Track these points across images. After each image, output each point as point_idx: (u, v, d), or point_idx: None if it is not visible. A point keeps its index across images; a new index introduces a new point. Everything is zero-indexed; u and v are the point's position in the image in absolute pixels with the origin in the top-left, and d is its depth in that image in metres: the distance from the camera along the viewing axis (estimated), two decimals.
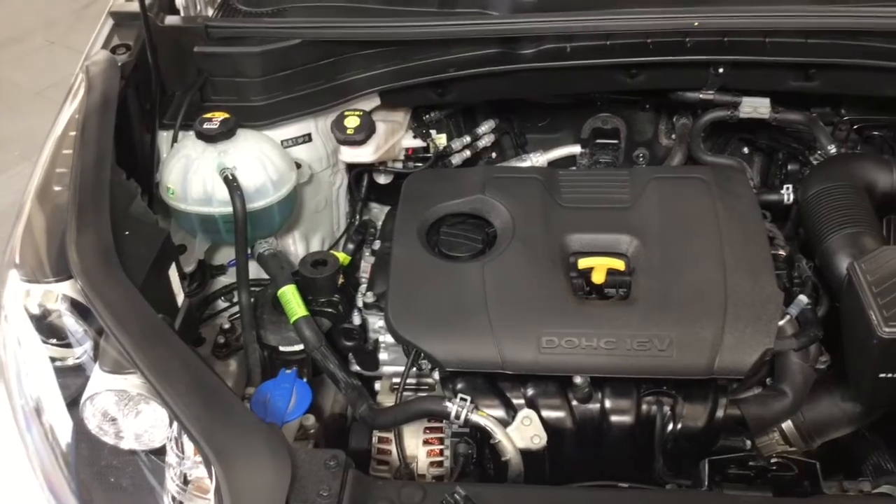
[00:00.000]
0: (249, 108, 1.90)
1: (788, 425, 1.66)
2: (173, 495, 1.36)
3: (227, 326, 1.84)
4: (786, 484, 1.33)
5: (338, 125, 1.91)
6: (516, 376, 1.59)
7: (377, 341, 1.79)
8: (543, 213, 1.77)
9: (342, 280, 1.82)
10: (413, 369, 1.75)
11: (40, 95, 4.48)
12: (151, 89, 1.88)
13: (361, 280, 1.88)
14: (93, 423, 1.40)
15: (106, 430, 1.41)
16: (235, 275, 1.76)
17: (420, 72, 1.96)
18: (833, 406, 1.64)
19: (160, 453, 1.39)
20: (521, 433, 1.54)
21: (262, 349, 1.79)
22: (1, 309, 1.51)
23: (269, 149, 1.82)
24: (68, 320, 1.46)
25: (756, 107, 2.04)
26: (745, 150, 2.31)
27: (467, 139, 2.25)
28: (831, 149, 1.98)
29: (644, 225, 1.73)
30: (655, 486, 1.52)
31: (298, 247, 2.06)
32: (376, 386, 1.84)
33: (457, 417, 1.53)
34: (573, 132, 2.37)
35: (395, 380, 1.80)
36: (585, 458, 1.62)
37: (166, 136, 1.91)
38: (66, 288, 1.46)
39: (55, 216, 1.55)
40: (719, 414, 1.56)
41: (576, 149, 2.32)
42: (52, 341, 1.48)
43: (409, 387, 1.78)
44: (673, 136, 2.32)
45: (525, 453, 1.54)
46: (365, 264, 1.92)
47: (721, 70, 1.97)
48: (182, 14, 1.97)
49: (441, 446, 1.66)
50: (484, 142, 2.31)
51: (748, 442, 1.57)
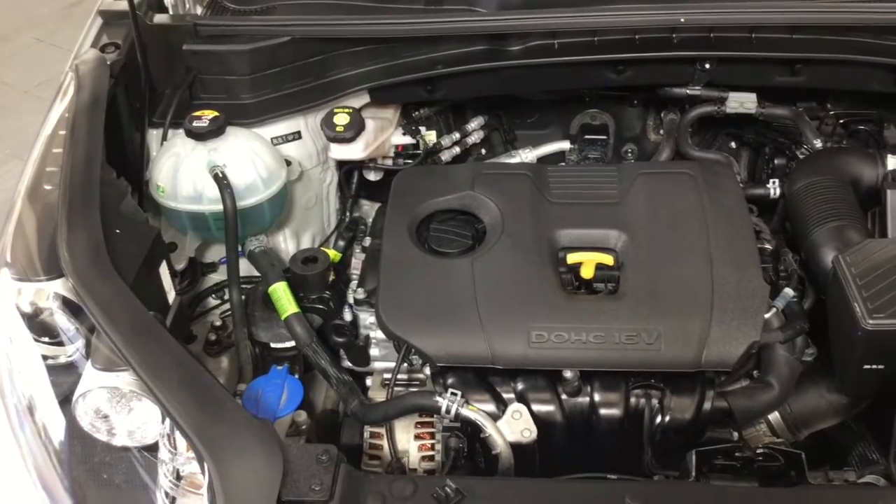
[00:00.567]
0: (239, 106, 1.90)
1: (775, 417, 1.68)
2: (166, 491, 1.37)
3: (219, 324, 1.85)
4: (772, 474, 1.34)
5: (327, 122, 1.92)
6: (506, 371, 1.61)
7: (368, 337, 1.80)
8: (532, 209, 1.78)
9: (333, 277, 1.82)
10: (404, 365, 1.76)
11: (29, 94, 4.47)
12: (141, 88, 1.89)
13: (352, 277, 1.88)
14: (85, 421, 1.41)
15: (98, 428, 1.41)
16: (226, 272, 1.76)
17: (409, 69, 1.97)
18: (819, 397, 1.66)
19: (153, 450, 1.40)
20: (512, 427, 1.56)
21: (254, 346, 1.80)
22: None
23: (259, 146, 1.83)
24: (60, 318, 1.47)
25: (743, 102, 2.05)
26: (733, 145, 2.33)
27: (457, 136, 2.26)
28: (817, 143, 2.00)
29: (632, 220, 1.75)
30: (644, 478, 1.54)
31: (289, 244, 2.07)
32: (367, 381, 1.86)
33: (447, 412, 1.54)
34: (562, 128, 2.38)
35: (387, 375, 1.81)
36: (575, 451, 1.63)
37: (156, 135, 1.92)
38: (58, 286, 1.46)
39: (46, 215, 1.55)
40: (707, 406, 1.58)
41: (565, 144, 2.33)
42: (44, 339, 1.49)
43: (400, 382, 1.80)
44: (661, 132, 2.33)
45: (515, 447, 1.55)
46: (356, 261, 1.93)
47: (708, 66, 1.99)
48: (171, 12, 1.98)
49: (432, 441, 1.68)
50: (473, 138, 2.32)
51: (735, 433, 1.59)
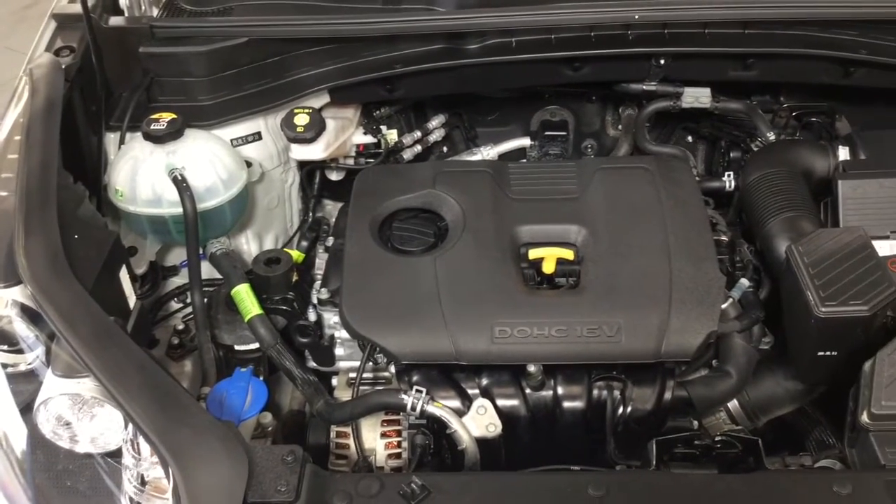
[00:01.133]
0: (197, 108, 1.90)
1: (734, 404, 1.71)
2: (131, 496, 1.36)
3: (181, 327, 1.84)
4: (730, 461, 1.38)
5: (287, 123, 1.92)
6: (471, 367, 1.62)
7: (332, 337, 1.80)
8: (493, 206, 1.80)
9: (296, 277, 1.83)
10: (369, 363, 1.77)
11: None
12: (97, 91, 1.87)
13: (316, 277, 1.88)
14: (47, 428, 1.40)
15: (61, 435, 1.40)
16: (188, 276, 1.76)
17: (368, 68, 1.97)
18: (776, 385, 1.70)
19: (116, 455, 1.39)
20: (477, 422, 1.57)
21: (218, 349, 1.79)
22: None
23: (219, 148, 1.82)
24: (19, 326, 1.45)
25: (697, 96, 2.09)
26: (690, 139, 2.38)
27: (418, 134, 2.27)
28: (770, 136, 2.05)
29: (591, 215, 1.77)
30: (607, 468, 1.56)
31: (252, 245, 2.07)
32: (333, 381, 1.86)
33: (413, 409, 1.55)
34: (522, 125, 2.40)
35: (352, 374, 1.81)
36: (540, 444, 1.65)
37: (113, 138, 1.90)
38: (16, 293, 1.44)
39: (2, 221, 1.53)
40: (667, 396, 1.60)
41: (525, 141, 2.36)
42: (3, 347, 1.47)
43: (366, 381, 1.80)
44: (619, 127, 2.36)
45: (481, 441, 1.56)
46: (319, 261, 1.93)
47: (662, 61, 2.02)
48: (126, 14, 1.96)
49: (399, 438, 1.69)
50: (434, 136, 2.33)
51: (695, 422, 1.62)
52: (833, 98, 2.27)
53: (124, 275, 1.61)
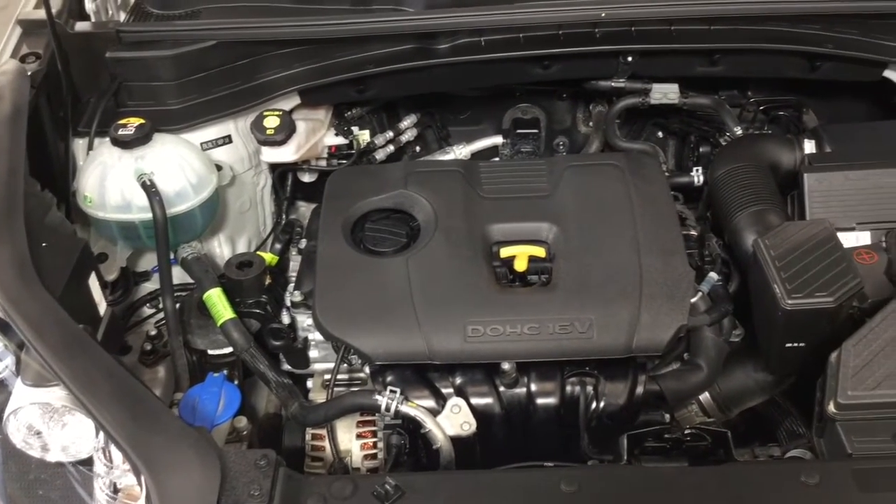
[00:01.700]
0: (166, 112, 1.89)
1: (706, 397, 1.73)
2: None
3: (154, 333, 1.84)
4: (700, 453, 1.39)
5: (257, 126, 1.91)
6: (444, 366, 1.63)
7: (307, 339, 1.80)
8: (465, 205, 1.80)
9: (269, 280, 1.82)
10: (344, 365, 1.77)
11: None
12: (63, 97, 1.85)
13: (291, 279, 1.88)
14: (18, 438, 1.39)
15: (32, 444, 1.39)
16: (159, 281, 1.75)
17: (338, 69, 1.97)
18: (746, 377, 1.72)
19: (88, 464, 1.39)
20: (451, 421, 1.58)
21: (191, 354, 1.79)
22: None
23: (188, 152, 1.82)
24: None
25: (666, 93, 2.11)
26: (660, 135, 2.40)
27: (390, 134, 2.28)
28: (737, 130, 2.07)
29: (562, 212, 1.78)
30: (579, 464, 1.57)
31: (224, 249, 2.06)
32: (308, 383, 1.86)
33: (387, 410, 1.56)
34: (495, 123, 2.42)
35: (327, 376, 1.82)
36: (515, 441, 1.66)
37: (82, 144, 1.88)
38: None
39: None
40: (639, 390, 1.62)
41: (497, 139, 2.37)
42: None
43: (341, 382, 1.81)
44: (590, 124, 2.38)
45: (456, 440, 1.57)
46: (293, 264, 1.93)
47: (630, 59, 2.04)
48: (93, 19, 1.95)
49: (374, 439, 1.69)
50: (407, 136, 2.34)
51: (667, 416, 1.64)
52: (800, 92, 2.30)
53: (94, 282, 1.60)
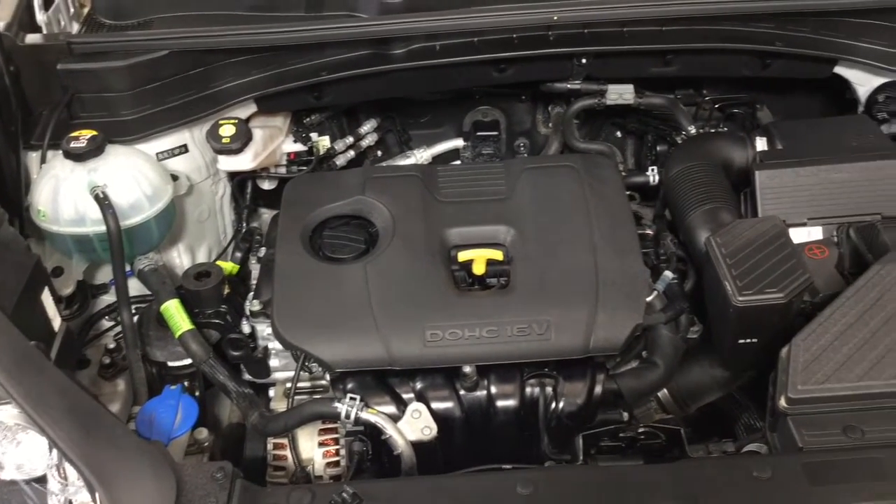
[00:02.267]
0: (120, 123, 1.87)
1: (664, 393, 1.75)
2: None
3: (113, 346, 1.82)
4: (655, 451, 1.41)
5: (213, 135, 1.91)
6: (404, 371, 1.63)
7: (267, 348, 1.79)
8: (423, 210, 1.81)
9: (228, 290, 1.81)
10: (307, 373, 1.77)
11: None
12: (13, 111, 1.83)
13: (252, 288, 1.87)
14: None
15: None
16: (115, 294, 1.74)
17: (294, 76, 1.97)
18: (704, 373, 1.74)
19: (43, 482, 1.37)
20: (412, 426, 1.58)
21: (151, 366, 1.78)
22: None
23: (142, 163, 1.81)
24: None
25: (621, 93, 2.13)
26: (618, 134, 2.42)
27: (350, 140, 2.28)
28: (691, 129, 2.10)
29: (519, 215, 1.79)
30: (536, 465, 1.58)
31: (184, 259, 2.05)
32: (271, 392, 1.85)
33: (347, 417, 1.56)
34: (455, 126, 2.42)
35: (289, 385, 1.81)
36: (477, 444, 1.67)
37: (35, 157, 1.86)
38: None
39: None
40: (598, 390, 1.63)
41: (458, 142, 2.38)
42: None
43: (304, 390, 1.81)
44: (550, 125, 2.40)
45: (417, 445, 1.58)
46: (255, 272, 1.92)
47: (584, 60, 2.06)
48: (44, 31, 1.93)
49: (337, 446, 1.69)
50: (367, 141, 2.34)
51: (625, 414, 1.66)
52: (755, 89, 2.34)
53: (47, 297, 1.58)
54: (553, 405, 1.64)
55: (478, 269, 1.72)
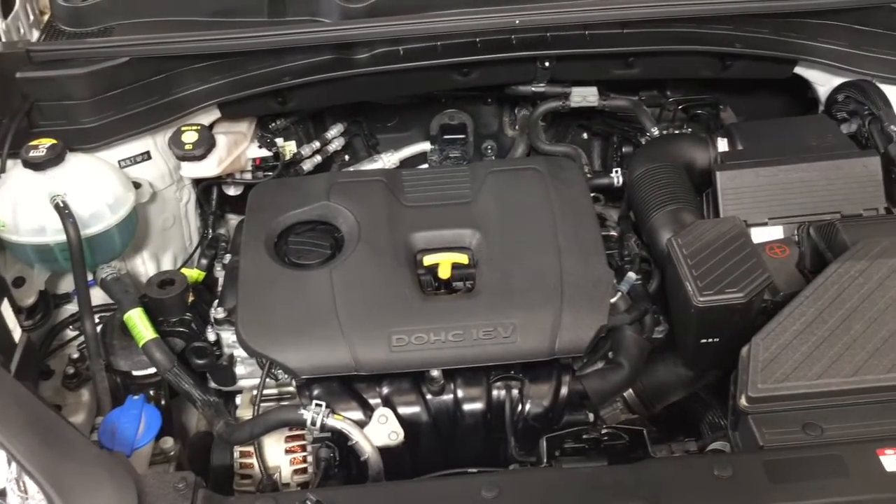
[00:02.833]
0: (81, 131, 1.85)
1: (630, 393, 1.76)
2: None
3: (77, 356, 1.80)
4: (618, 452, 1.42)
5: (175, 141, 1.89)
6: (371, 376, 1.63)
7: (232, 356, 1.78)
8: (388, 215, 1.81)
9: (193, 297, 1.80)
10: (273, 380, 1.76)
11: None
12: None
13: (218, 295, 1.86)
14: None
15: None
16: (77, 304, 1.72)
17: (257, 82, 1.96)
18: (668, 372, 1.76)
19: (2, 496, 1.35)
20: (378, 431, 1.58)
21: (115, 375, 1.76)
22: None
23: (103, 171, 1.79)
24: None
25: (585, 95, 2.15)
26: (585, 136, 2.44)
27: (317, 144, 2.27)
28: (654, 131, 2.11)
29: (484, 218, 1.80)
30: (502, 469, 1.59)
31: (149, 266, 2.03)
32: (238, 400, 1.84)
33: (313, 424, 1.56)
34: (422, 130, 2.43)
35: (256, 392, 1.80)
36: (444, 448, 1.68)
37: None
38: None
39: None
40: (563, 391, 1.64)
41: (426, 146, 2.38)
42: None
43: (271, 397, 1.80)
44: (517, 127, 2.41)
45: (384, 450, 1.58)
46: (221, 279, 1.91)
47: (548, 63, 2.07)
48: (3, 39, 1.91)
49: (304, 453, 1.68)
50: (334, 146, 2.33)
51: (591, 415, 1.67)
52: (719, 89, 2.36)
53: (6, 308, 1.56)
54: (519, 407, 1.65)
55: (443, 273, 1.73)
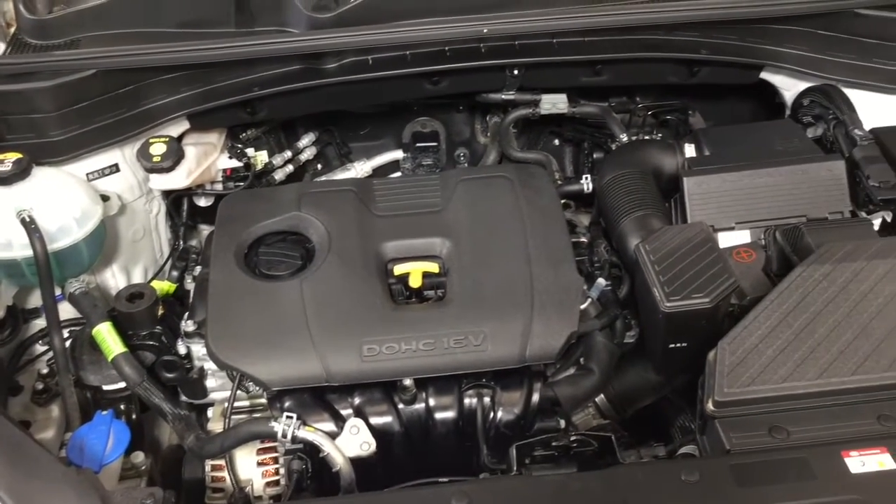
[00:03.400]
0: (48, 144, 1.84)
1: (601, 399, 1.77)
2: None
3: (46, 371, 1.79)
4: (588, 458, 1.43)
5: (143, 153, 1.89)
6: (342, 387, 1.63)
7: (203, 369, 1.77)
8: (358, 224, 1.81)
9: (163, 310, 1.79)
10: (244, 392, 1.76)
11: None
12: None
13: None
14: None
15: None
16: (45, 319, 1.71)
17: (225, 93, 1.96)
18: (639, 377, 1.77)
19: None
20: (350, 442, 1.58)
21: (85, 390, 1.75)
22: None
23: (70, 185, 1.78)
24: None
25: (555, 103, 2.16)
26: (556, 143, 2.45)
27: (288, 154, 2.27)
28: (623, 137, 2.13)
29: (455, 226, 1.80)
30: (473, 477, 1.59)
31: (119, 279, 2.02)
32: (210, 413, 1.84)
33: (284, 436, 1.55)
34: (395, 138, 2.43)
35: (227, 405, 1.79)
36: (417, 458, 1.68)
37: None
38: None
39: None
40: (535, 398, 1.65)
41: (398, 154, 2.39)
42: None
43: (243, 410, 1.79)
44: (489, 135, 2.41)
45: (356, 461, 1.58)
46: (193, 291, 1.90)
47: (517, 71, 2.08)
48: None
49: (276, 465, 1.68)
50: (306, 155, 2.34)
51: (562, 421, 1.67)
52: (688, 95, 2.38)
53: None
54: (491, 415, 1.65)
55: (414, 282, 1.73)
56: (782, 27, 2.02)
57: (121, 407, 1.76)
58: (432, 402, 1.66)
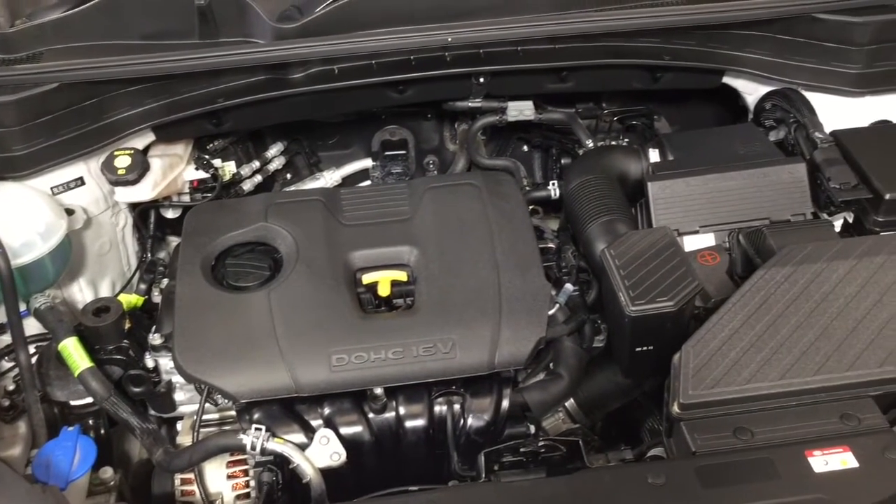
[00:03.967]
0: (10, 159, 1.83)
1: (571, 403, 1.78)
2: None
3: (12, 388, 1.77)
4: (556, 463, 1.44)
5: (108, 166, 1.87)
6: (312, 398, 1.63)
7: (171, 382, 1.76)
8: (326, 234, 1.81)
9: (129, 324, 1.78)
10: (213, 405, 1.75)
11: None
12: None
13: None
14: None
15: None
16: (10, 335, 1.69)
17: (190, 104, 1.95)
18: (608, 381, 1.78)
19: None
20: (320, 453, 1.58)
21: (53, 406, 1.73)
22: None
23: (33, 199, 1.76)
24: None
25: (521, 109, 2.17)
26: (525, 149, 2.46)
27: (257, 164, 2.27)
28: (588, 143, 2.15)
29: (422, 234, 1.81)
30: (441, 485, 1.60)
31: (86, 293, 2.00)
32: (179, 426, 1.82)
33: (253, 448, 1.54)
34: (364, 146, 2.43)
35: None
36: (388, 467, 1.68)
37: None
38: None
39: None
40: (504, 404, 1.66)
41: (367, 162, 2.39)
42: None
43: (213, 422, 1.78)
44: (457, 142, 2.42)
45: (327, 471, 1.57)
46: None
47: (482, 79, 2.08)
48: None
49: (247, 478, 1.67)
50: (274, 165, 2.33)
51: (532, 427, 1.68)
52: (652, 100, 2.41)
53: None
54: (461, 422, 1.66)
55: (383, 291, 1.73)
56: (742, 32, 2.05)
57: (89, 422, 1.74)
58: (402, 411, 1.66)
